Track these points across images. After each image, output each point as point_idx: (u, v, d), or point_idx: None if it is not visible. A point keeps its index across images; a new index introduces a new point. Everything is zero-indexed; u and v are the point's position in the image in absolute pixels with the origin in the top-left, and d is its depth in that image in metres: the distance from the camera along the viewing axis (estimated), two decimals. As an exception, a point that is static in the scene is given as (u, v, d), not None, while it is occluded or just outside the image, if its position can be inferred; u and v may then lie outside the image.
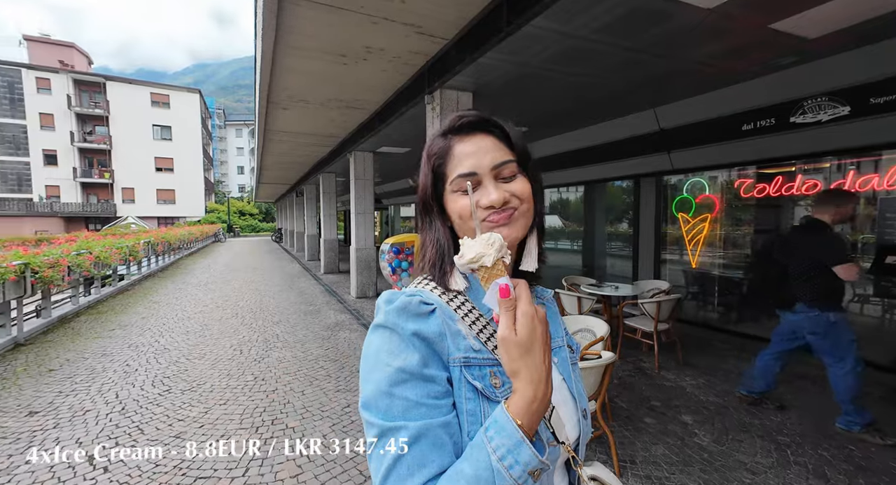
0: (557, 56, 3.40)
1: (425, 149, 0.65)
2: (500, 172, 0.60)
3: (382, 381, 0.53)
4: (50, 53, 34.83)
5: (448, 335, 0.56)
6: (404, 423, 0.50)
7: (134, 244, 8.91)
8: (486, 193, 0.58)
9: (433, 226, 0.64)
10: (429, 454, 0.49)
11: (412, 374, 0.52)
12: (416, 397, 0.51)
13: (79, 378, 3.89)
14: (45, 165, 31.64)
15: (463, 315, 0.59)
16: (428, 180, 0.64)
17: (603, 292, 4.50)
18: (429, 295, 0.59)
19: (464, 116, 0.62)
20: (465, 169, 0.59)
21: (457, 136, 0.62)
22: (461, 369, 0.55)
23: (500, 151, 0.61)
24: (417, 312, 0.56)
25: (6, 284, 4.37)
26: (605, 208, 7.22)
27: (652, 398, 3.44)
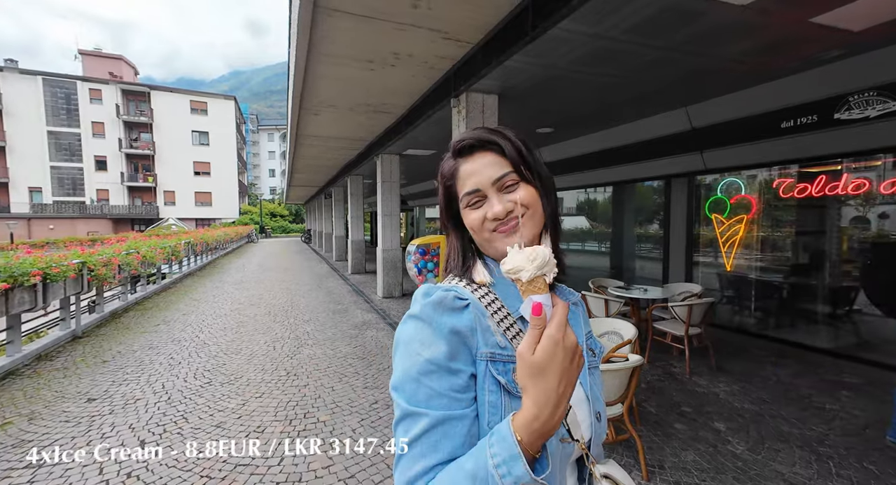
0: (585, 57, 3.39)
1: (439, 170, 0.72)
2: (503, 184, 0.65)
3: (412, 368, 0.57)
4: (101, 66, 37.29)
5: (479, 330, 0.60)
6: (426, 410, 0.55)
7: (176, 244, 9.44)
8: (490, 206, 0.64)
9: (451, 238, 0.72)
10: (441, 442, 0.54)
11: (439, 366, 0.57)
12: (440, 388, 0.56)
13: (129, 369, 4.19)
14: (95, 171, 33.87)
15: (493, 312, 0.63)
16: (443, 200, 0.71)
17: (631, 295, 4.42)
18: (463, 291, 0.63)
19: (463, 140, 0.68)
20: (469, 187, 0.66)
21: (461, 157, 0.68)
22: (487, 363, 0.58)
23: (499, 165, 0.65)
24: (452, 307, 0.60)
25: (67, 281, 4.75)
26: (635, 209, 7.06)
27: (682, 404, 3.36)
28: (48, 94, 32.17)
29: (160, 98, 35.98)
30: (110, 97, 33.97)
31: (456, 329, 0.58)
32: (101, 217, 32.97)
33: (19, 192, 31.79)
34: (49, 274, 4.29)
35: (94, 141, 33.57)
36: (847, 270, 4.47)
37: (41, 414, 3.22)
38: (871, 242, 4.27)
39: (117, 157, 34.33)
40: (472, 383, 0.58)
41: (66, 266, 4.60)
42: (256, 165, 69.58)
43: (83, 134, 33.19)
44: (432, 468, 0.53)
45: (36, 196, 32.36)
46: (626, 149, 5.86)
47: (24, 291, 4.08)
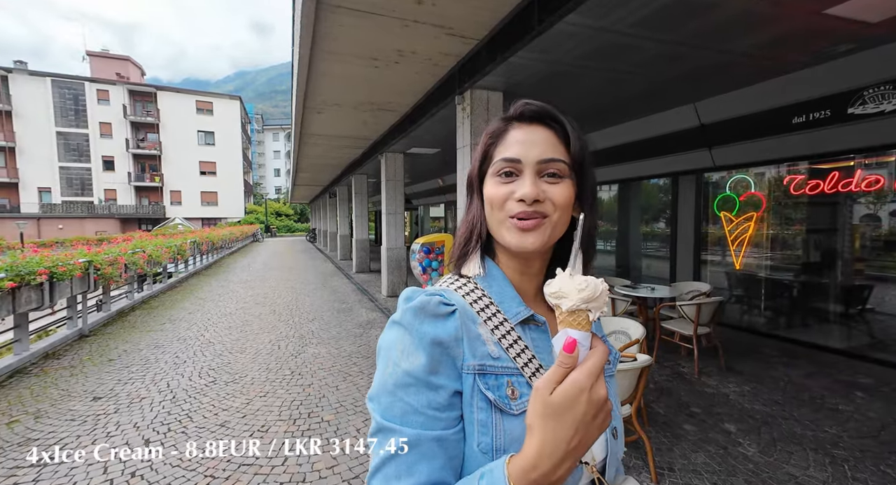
0: (591, 52, 3.33)
1: (486, 128, 0.64)
2: (545, 169, 0.56)
3: (389, 379, 0.52)
4: (109, 67, 37.62)
5: (465, 339, 0.53)
6: (400, 427, 0.49)
7: (181, 244, 9.49)
8: (521, 185, 0.55)
9: (473, 205, 0.64)
10: (417, 464, 0.48)
11: (417, 379, 0.50)
12: (417, 404, 0.50)
13: (135, 368, 4.20)
14: (103, 171, 34.21)
15: (486, 318, 0.56)
16: (478, 159, 0.62)
17: (638, 294, 4.36)
18: (452, 295, 0.57)
19: (529, 104, 0.59)
20: (510, 154, 0.57)
21: (517, 122, 0.60)
22: (475, 376, 0.52)
23: (553, 147, 0.57)
24: (435, 313, 0.54)
25: (73, 280, 4.77)
26: (642, 207, 6.98)
27: (692, 404, 3.30)
28: (57, 96, 32.53)
29: (166, 98, 36.25)
30: (117, 98, 34.28)
31: (438, 339, 0.52)
32: (109, 217, 33.30)
33: (29, 192, 32.19)
34: (55, 273, 4.31)
35: (101, 141, 33.91)
36: (860, 268, 4.38)
37: (47, 413, 3.23)
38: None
39: (124, 157, 34.65)
40: (455, 400, 0.52)
41: (73, 265, 4.62)
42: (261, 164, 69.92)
43: (91, 134, 33.53)
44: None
45: (45, 196, 32.75)
46: (632, 146, 5.79)
47: (31, 290, 4.10)
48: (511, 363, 0.54)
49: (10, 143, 31.16)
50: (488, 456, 0.50)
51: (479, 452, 0.50)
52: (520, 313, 0.58)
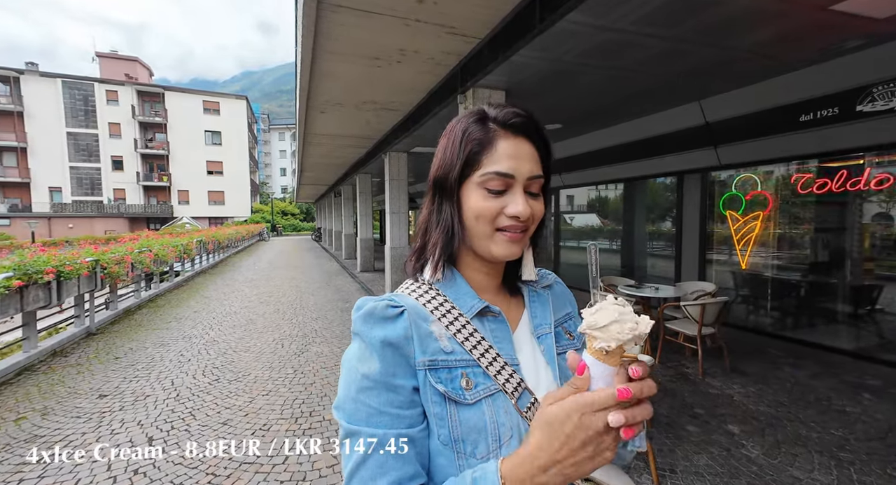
0: (592, 50, 3.30)
1: (458, 126, 0.60)
2: (530, 186, 0.58)
3: (351, 386, 0.53)
4: (117, 67, 38.06)
5: (416, 338, 0.54)
6: (366, 428, 0.50)
7: (188, 243, 9.58)
8: (514, 202, 0.56)
9: (444, 209, 0.61)
10: (388, 462, 0.49)
11: (376, 382, 0.52)
12: (379, 405, 0.51)
13: (140, 366, 4.25)
14: (112, 170, 34.64)
15: (440, 316, 0.57)
16: (457, 160, 0.58)
17: (642, 294, 4.32)
18: (401, 298, 0.58)
19: (519, 114, 0.58)
20: (504, 169, 0.56)
21: (503, 130, 0.58)
22: (426, 372, 0.53)
23: (536, 163, 0.59)
24: (383, 316, 0.55)
25: (80, 279, 4.84)
26: (647, 206, 6.92)
27: (695, 406, 3.27)
28: (67, 96, 32.97)
29: (174, 99, 36.60)
30: (126, 98, 34.67)
31: (388, 340, 0.53)
32: (118, 216, 33.72)
33: (40, 192, 32.68)
34: (62, 272, 4.37)
35: (110, 141, 34.33)
36: (869, 268, 4.30)
37: (54, 410, 3.28)
38: None
39: (133, 157, 35.05)
40: (416, 398, 0.53)
41: (79, 264, 4.68)
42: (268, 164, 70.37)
43: (100, 135, 33.96)
44: None
45: (56, 196, 33.23)
46: (637, 145, 5.74)
47: (39, 289, 4.16)
48: (466, 355, 0.56)
49: (22, 143, 31.66)
50: (448, 447, 0.52)
51: (440, 444, 0.52)
52: (474, 306, 0.59)
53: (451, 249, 0.60)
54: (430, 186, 0.63)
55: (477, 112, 0.60)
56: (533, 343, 0.63)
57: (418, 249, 0.64)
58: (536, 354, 0.62)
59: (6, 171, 31.72)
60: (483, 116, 0.59)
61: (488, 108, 0.60)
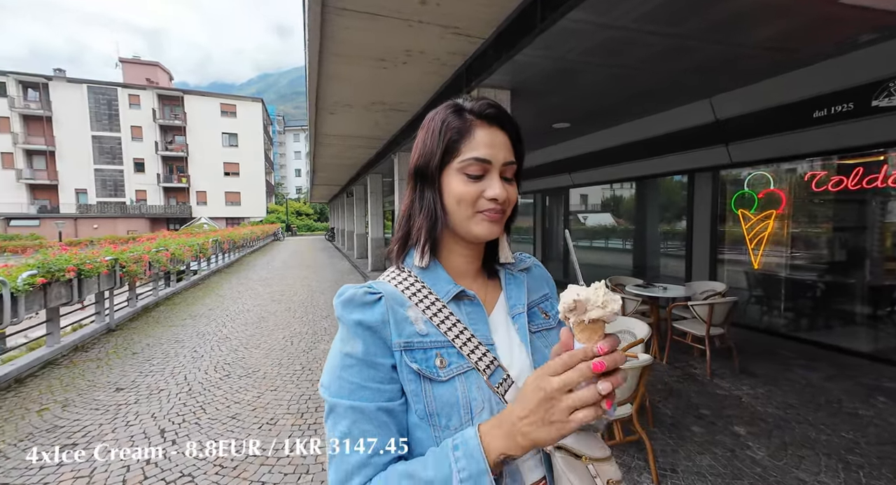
0: (595, 48, 3.29)
1: (436, 117, 0.64)
2: (505, 172, 0.63)
3: (335, 365, 0.58)
4: (139, 72, 39.19)
5: (392, 322, 0.58)
6: (350, 402, 0.54)
7: (203, 242, 9.83)
8: (492, 186, 0.60)
9: (426, 196, 0.64)
10: (370, 433, 0.53)
11: (358, 360, 0.56)
12: (360, 381, 0.55)
13: (156, 361, 4.40)
14: (134, 172, 35.70)
15: (417, 301, 0.61)
16: (437, 148, 0.62)
17: (649, 293, 4.27)
18: (380, 285, 0.63)
19: (492, 105, 0.63)
20: (481, 155, 0.60)
21: (479, 120, 0.62)
22: (402, 353, 0.57)
23: (510, 151, 0.63)
24: (362, 302, 0.59)
25: (100, 277, 5.03)
26: (658, 205, 6.82)
27: (701, 406, 3.23)
28: (92, 101, 34.14)
29: (193, 102, 37.53)
30: (147, 102, 35.68)
31: (366, 324, 0.58)
32: (140, 216, 34.74)
33: (67, 193, 33.90)
34: (83, 270, 4.56)
35: (133, 144, 35.39)
36: (891, 268, 4.17)
37: (74, 401, 3.43)
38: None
39: (154, 159, 36.06)
40: (395, 375, 0.57)
41: (99, 263, 4.87)
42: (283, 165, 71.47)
43: (123, 138, 35.05)
44: (368, 460, 0.52)
45: (82, 197, 34.43)
46: (646, 143, 5.67)
47: (61, 286, 4.35)
48: (441, 337, 0.60)
49: (51, 147, 32.90)
50: (424, 421, 0.56)
51: (417, 418, 0.56)
52: (450, 291, 0.63)
53: (435, 232, 0.64)
54: (411, 176, 0.67)
55: (453, 105, 0.64)
56: (508, 323, 0.67)
57: (402, 237, 0.68)
58: (511, 334, 0.66)
59: (36, 173, 33.00)
60: (459, 108, 0.63)
61: (463, 101, 0.65)
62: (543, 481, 0.62)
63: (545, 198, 9.41)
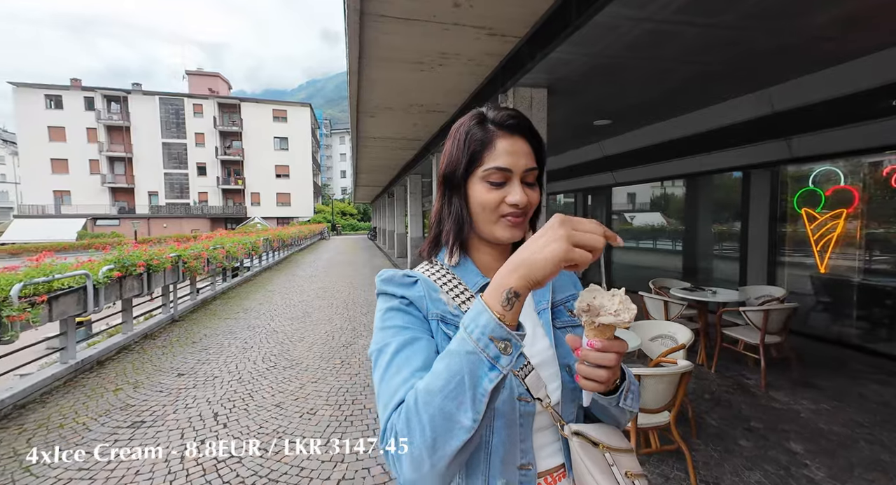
0: (634, 43, 3.16)
1: (461, 128, 0.69)
2: (526, 177, 0.66)
3: (378, 322, 0.65)
4: (202, 83, 42.45)
5: (428, 299, 0.66)
6: (392, 339, 0.60)
7: (255, 241, 10.49)
8: (513, 192, 0.64)
9: (454, 202, 0.70)
10: (414, 356, 0.58)
11: (397, 309, 0.64)
12: (402, 323, 0.63)
13: (212, 350, 4.77)
14: (197, 176, 38.71)
15: (447, 290, 0.68)
16: (462, 158, 0.67)
17: (696, 297, 4.04)
18: (415, 273, 0.70)
19: (513, 116, 0.67)
20: (502, 164, 0.64)
21: (500, 130, 0.66)
22: (438, 322, 0.64)
23: (530, 157, 0.67)
24: (401, 282, 0.67)
25: (166, 272, 5.54)
26: (710, 204, 6.41)
27: (752, 419, 3.02)
28: (163, 111, 37.45)
29: (248, 109, 40.10)
30: (209, 110, 38.59)
31: (404, 295, 0.66)
32: (202, 217, 37.62)
33: (141, 195, 37.42)
34: (151, 265, 5.04)
35: (196, 150, 38.41)
36: None
37: (143, 384, 3.81)
38: None
39: (214, 163, 38.91)
40: (427, 326, 0.64)
41: (164, 259, 5.36)
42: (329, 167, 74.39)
43: (188, 144, 38.15)
44: (411, 377, 0.55)
45: (154, 199, 37.86)
46: (696, 138, 5.35)
47: (133, 279, 4.84)
48: None
49: (129, 154, 36.50)
50: None
51: None
52: (478, 283, 0.70)
53: (462, 235, 0.70)
54: (440, 183, 0.72)
55: (477, 115, 0.69)
56: (533, 317, 0.72)
57: (433, 238, 0.74)
58: (536, 327, 0.71)
59: (116, 178, 36.71)
60: (482, 118, 0.68)
61: (487, 111, 0.69)
62: (563, 468, 0.67)
63: (586, 197, 9.12)
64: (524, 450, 0.64)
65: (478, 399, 0.49)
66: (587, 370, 0.57)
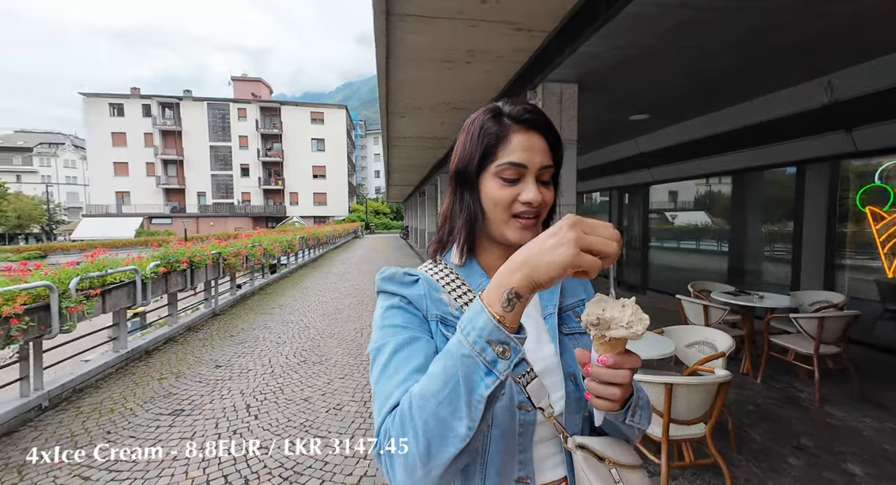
0: (670, 32, 2.97)
1: (475, 122, 0.66)
2: (541, 175, 0.63)
3: (377, 320, 0.63)
4: (246, 88, 44.58)
5: (428, 299, 0.64)
6: (391, 338, 0.59)
7: (291, 239, 10.88)
8: (527, 189, 0.61)
9: (465, 198, 0.67)
10: (411, 357, 0.56)
11: (397, 307, 0.62)
12: (401, 322, 0.61)
13: (247, 344, 4.99)
14: (241, 176, 40.77)
15: (450, 290, 0.65)
16: (476, 153, 0.64)
17: (739, 302, 3.77)
18: (417, 272, 0.67)
19: (530, 110, 0.64)
20: (517, 159, 0.61)
21: (517, 125, 0.63)
22: (437, 323, 0.62)
23: (547, 155, 0.64)
24: (401, 281, 0.65)
25: (207, 268, 5.85)
26: (757, 202, 5.97)
27: (803, 435, 2.78)
28: (210, 116, 39.75)
29: (288, 112, 41.77)
30: (252, 114, 40.53)
31: (404, 295, 0.64)
32: (245, 216, 39.58)
33: (191, 196, 39.90)
34: (193, 261, 5.34)
35: (240, 152, 40.47)
36: None
37: (184, 374, 4.04)
38: None
39: (256, 164, 40.82)
40: (426, 325, 0.62)
41: (205, 255, 5.66)
42: (364, 167, 76.03)
43: (233, 146, 40.26)
44: (407, 379, 0.54)
45: (202, 199, 40.25)
46: (743, 132, 4.99)
47: (178, 275, 5.14)
48: None
49: (181, 156, 39.05)
50: None
51: None
52: (482, 284, 0.67)
53: (473, 234, 0.67)
54: (451, 178, 0.70)
55: (492, 109, 0.66)
56: (539, 322, 0.69)
57: (442, 236, 0.72)
58: (541, 332, 0.67)
59: (169, 179, 39.33)
60: (498, 113, 0.65)
61: (502, 105, 0.65)
62: (564, 482, 0.64)
63: (622, 195, 8.77)
64: (523, 461, 0.60)
65: (473, 406, 0.47)
66: (598, 388, 0.53)
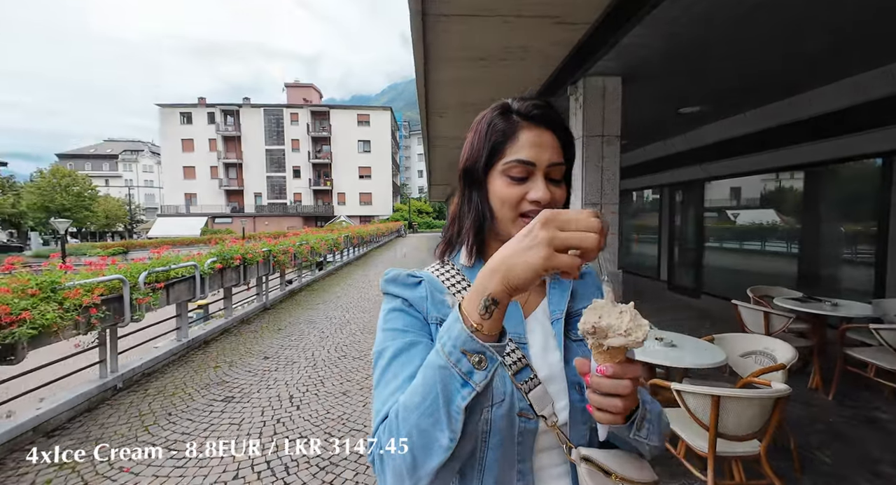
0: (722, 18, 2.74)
1: (483, 120, 0.65)
2: (551, 173, 0.61)
3: (380, 322, 0.64)
4: (298, 93, 46.95)
5: (430, 301, 0.63)
6: (392, 343, 0.59)
7: (336, 238, 11.31)
8: (536, 188, 0.60)
9: (474, 197, 0.66)
10: (409, 362, 0.56)
11: (399, 310, 0.62)
12: (401, 326, 0.60)
13: (293, 337, 5.25)
14: (293, 178, 43.05)
15: (455, 292, 0.64)
16: (484, 151, 0.63)
17: (806, 309, 3.41)
18: (422, 273, 0.67)
19: (538, 105, 0.62)
20: (525, 156, 0.60)
21: (525, 121, 0.61)
22: (438, 326, 0.61)
23: (557, 151, 0.62)
24: (404, 283, 0.65)
25: (258, 265, 6.23)
26: (832, 199, 5.36)
27: (883, 462, 2.47)
28: (266, 121, 42.34)
29: (336, 115, 43.53)
30: (303, 118, 42.65)
31: (406, 297, 0.63)
32: (297, 215, 41.75)
33: (248, 197, 42.74)
34: (246, 259, 5.70)
35: (292, 154, 42.74)
36: None
37: (236, 364, 4.32)
38: None
39: (307, 166, 42.90)
40: (428, 328, 0.62)
41: (257, 253, 6.03)
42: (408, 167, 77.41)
43: (286, 150, 42.60)
44: (399, 388, 0.53)
45: (258, 199, 42.96)
46: (814, 121, 4.51)
47: (232, 271, 5.52)
48: None
49: (240, 160, 41.96)
50: None
51: None
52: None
53: (482, 234, 0.66)
54: (460, 178, 0.69)
55: (501, 105, 0.65)
56: (547, 326, 0.66)
57: (451, 237, 0.71)
58: (548, 337, 0.65)
59: (230, 181, 42.38)
60: (507, 109, 0.64)
61: (512, 101, 0.64)
62: None
63: (673, 193, 8.23)
64: (522, 471, 0.58)
65: (452, 418, 0.46)
66: (599, 400, 0.50)
